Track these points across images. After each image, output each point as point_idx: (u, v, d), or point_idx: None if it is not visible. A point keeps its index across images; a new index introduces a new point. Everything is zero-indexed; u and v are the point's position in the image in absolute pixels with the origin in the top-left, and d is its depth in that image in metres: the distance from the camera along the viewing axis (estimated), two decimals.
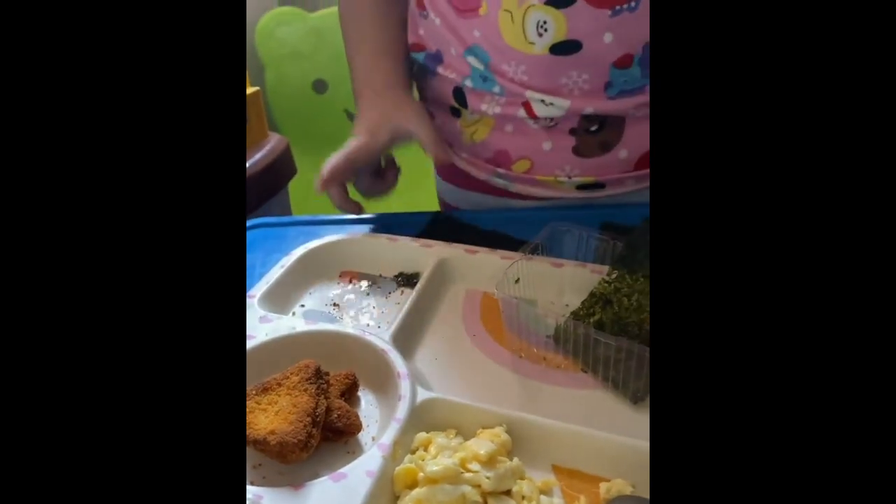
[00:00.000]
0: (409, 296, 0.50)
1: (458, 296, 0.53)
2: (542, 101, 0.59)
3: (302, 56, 1.55)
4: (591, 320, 0.45)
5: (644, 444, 0.36)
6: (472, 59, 0.61)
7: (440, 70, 0.64)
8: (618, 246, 0.51)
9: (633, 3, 0.53)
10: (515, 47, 0.57)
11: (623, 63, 0.56)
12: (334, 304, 0.53)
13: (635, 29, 0.54)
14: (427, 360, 0.46)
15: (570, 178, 0.64)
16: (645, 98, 0.59)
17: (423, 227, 0.63)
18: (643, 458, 0.36)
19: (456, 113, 0.66)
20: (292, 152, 1.24)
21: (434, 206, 0.80)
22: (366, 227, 0.63)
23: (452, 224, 0.64)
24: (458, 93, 0.64)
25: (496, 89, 0.61)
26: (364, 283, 0.55)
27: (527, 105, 0.60)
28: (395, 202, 0.69)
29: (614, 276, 0.48)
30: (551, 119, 0.60)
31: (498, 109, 0.63)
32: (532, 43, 0.56)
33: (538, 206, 0.69)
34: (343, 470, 0.35)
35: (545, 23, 0.54)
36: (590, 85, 0.58)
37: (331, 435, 0.38)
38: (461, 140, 0.68)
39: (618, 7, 0.53)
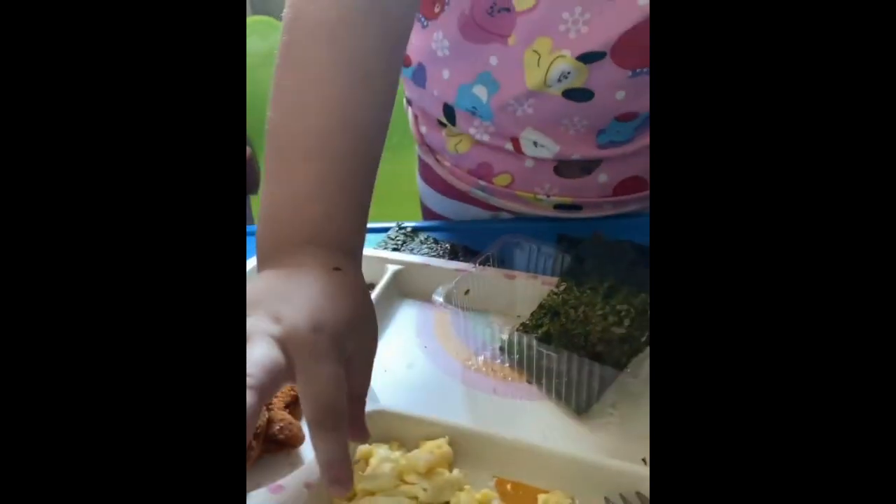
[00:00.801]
0: None
1: (412, 307, 0.54)
2: (535, 142, 0.61)
3: (273, 66, 1.54)
4: (539, 332, 0.45)
5: (586, 457, 0.37)
6: (477, 88, 0.60)
7: (427, 86, 0.64)
8: (566, 258, 0.51)
9: (646, 72, 0.55)
10: (531, 87, 0.57)
11: (625, 118, 0.59)
12: None
13: (647, 92, 0.56)
14: (376, 371, 0.46)
15: (548, 196, 0.65)
16: (628, 148, 0.61)
17: (382, 239, 0.63)
18: (584, 471, 0.36)
19: (441, 124, 0.67)
20: (258, 163, 1.24)
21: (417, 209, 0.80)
22: None
23: (411, 235, 0.64)
24: (448, 109, 0.64)
25: (487, 122, 0.62)
26: None
27: (515, 141, 0.62)
28: (379, 203, 0.70)
29: (563, 287, 0.49)
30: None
31: (486, 138, 0.63)
32: (549, 86, 0.56)
33: (499, 219, 0.70)
34: (281, 482, 0.35)
35: (569, 73, 0.55)
36: (585, 130, 0.60)
37: (273, 447, 0.38)
38: (445, 148, 0.68)
39: (638, 70, 0.54)
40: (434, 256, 0.59)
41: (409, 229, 0.65)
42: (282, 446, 0.38)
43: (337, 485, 0.29)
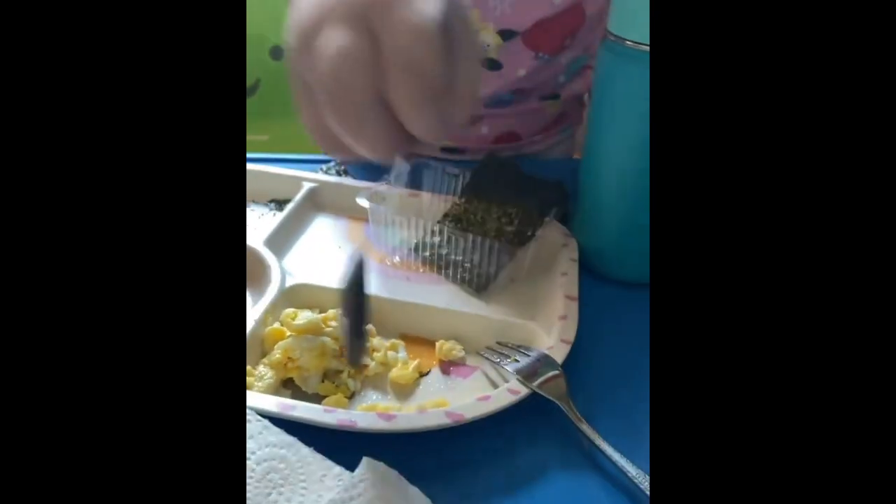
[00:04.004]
0: (279, 217, 0.58)
1: (326, 219, 0.61)
2: None
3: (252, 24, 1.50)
4: (446, 233, 0.54)
5: (475, 312, 0.46)
6: None
7: None
8: (467, 175, 0.61)
9: (547, 57, 0.69)
10: None
11: (512, 90, 0.72)
12: None
13: (540, 74, 0.71)
14: (297, 262, 0.54)
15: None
16: (507, 111, 0.74)
17: (318, 168, 0.69)
18: (472, 324, 0.46)
19: None
20: None
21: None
22: None
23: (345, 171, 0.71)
24: None
25: None
26: None
27: None
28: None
29: (464, 199, 0.58)
30: None
31: None
32: None
33: None
34: None
35: (489, 45, 0.68)
36: (483, 95, 0.71)
37: None
38: None
39: (540, 54, 0.69)
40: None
41: (343, 168, 0.72)
42: None
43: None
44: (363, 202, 0.54)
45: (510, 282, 0.54)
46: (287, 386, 0.42)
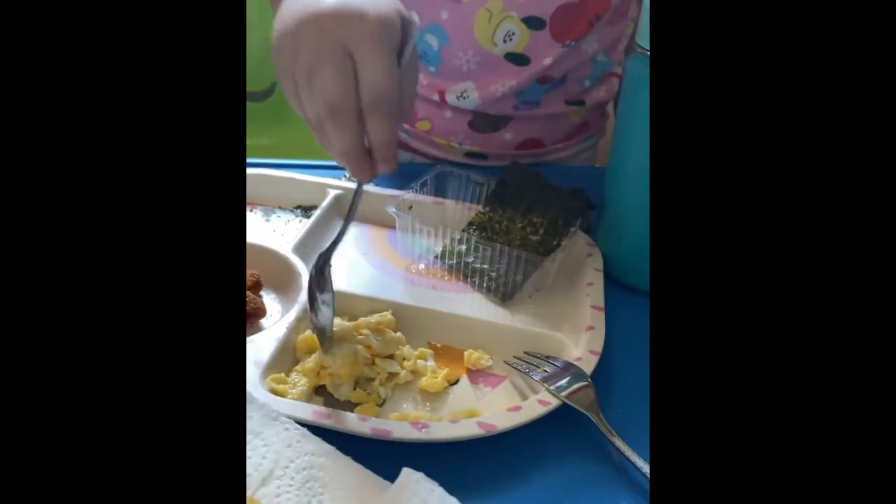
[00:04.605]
0: (307, 224, 0.58)
1: (350, 225, 0.62)
2: (462, 94, 0.72)
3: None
4: (472, 242, 0.55)
5: (502, 322, 0.47)
6: (428, 37, 0.71)
7: None
8: (492, 184, 0.62)
9: (572, 44, 0.69)
10: (479, 41, 0.69)
11: (543, 80, 0.72)
12: None
13: (565, 62, 0.71)
14: None
15: (461, 144, 0.76)
16: (535, 112, 0.75)
17: (343, 174, 0.70)
18: (499, 334, 0.47)
19: None
20: None
21: None
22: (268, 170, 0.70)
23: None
24: None
25: (432, 69, 0.72)
26: (263, 213, 0.63)
27: (442, 94, 0.73)
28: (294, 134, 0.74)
29: (488, 208, 0.59)
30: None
31: (418, 90, 0.74)
32: (495, 45, 0.69)
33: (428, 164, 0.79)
34: (252, 336, 0.43)
35: (514, 34, 0.68)
36: (510, 91, 0.72)
37: None
38: None
39: (567, 42, 0.69)
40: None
41: None
42: (248, 318, 0.46)
43: (384, 163, 0.39)
44: (392, 211, 0.55)
45: (535, 291, 0.55)
46: (319, 393, 0.43)
